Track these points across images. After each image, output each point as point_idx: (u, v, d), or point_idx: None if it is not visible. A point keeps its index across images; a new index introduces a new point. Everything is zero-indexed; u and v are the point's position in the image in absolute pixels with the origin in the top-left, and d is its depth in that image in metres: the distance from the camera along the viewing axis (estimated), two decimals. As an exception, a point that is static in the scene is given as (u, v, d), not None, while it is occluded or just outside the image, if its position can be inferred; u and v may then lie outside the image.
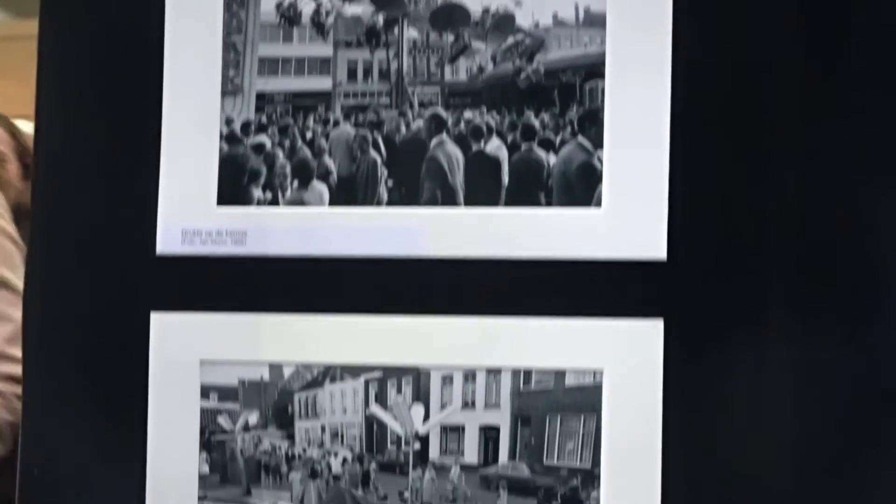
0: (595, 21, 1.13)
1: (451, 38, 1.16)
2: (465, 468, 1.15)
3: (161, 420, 1.21)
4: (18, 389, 1.29)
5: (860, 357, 1.08)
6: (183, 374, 1.20)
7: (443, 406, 1.15)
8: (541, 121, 1.14)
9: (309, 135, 1.18)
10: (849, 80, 1.09)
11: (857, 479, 1.08)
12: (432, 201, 1.15)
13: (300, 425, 1.19)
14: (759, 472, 1.09)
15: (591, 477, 1.12)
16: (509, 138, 1.14)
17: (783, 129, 1.10)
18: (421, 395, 1.16)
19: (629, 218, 1.12)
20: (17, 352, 1.26)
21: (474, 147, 1.15)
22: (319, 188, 1.18)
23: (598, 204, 1.12)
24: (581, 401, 1.13)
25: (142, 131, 1.22)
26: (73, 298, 1.24)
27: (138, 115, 1.22)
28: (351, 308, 1.17)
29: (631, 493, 1.11)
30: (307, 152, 1.18)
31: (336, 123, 1.18)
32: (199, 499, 1.20)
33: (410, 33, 1.17)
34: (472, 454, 1.15)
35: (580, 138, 1.13)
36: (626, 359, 1.12)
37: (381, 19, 1.17)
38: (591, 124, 1.13)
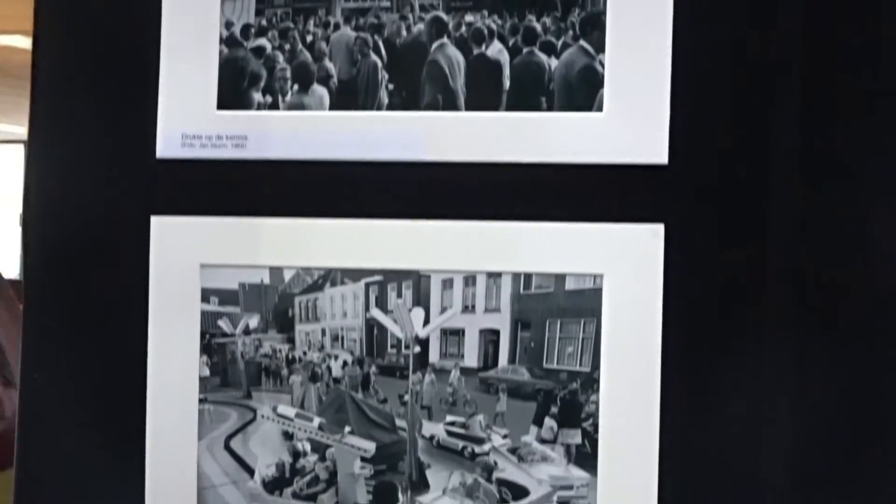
0: (598, -77, 1.12)
1: (452, -60, 1.15)
2: (465, 371, 1.16)
3: (161, 324, 1.21)
4: None
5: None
6: (183, 278, 1.20)
7: (443, 310, 1.16)
8: (542, 24, 1.13)
9: (309, 38, 1.18)
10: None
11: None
12: (433, 105, 1.15)
13: (300, 329, 1.19)
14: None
15: (590, 380, 1.13)
16: (510, 42, 1.14)
17: (788, 29, 1.09)
18: (421, 298, 1.16)
19: (630, 122, 1.11)
20: None
21: (475, 51, 1.15)
22: (320, 92, 1.18)
23: (600, 108, 1.12)
24: (581, 305, 1.13)
25: (141, 35, 1.21)
26: (73, 204, 1.24)
27: (137, 19, 1.22)
28: (351, 212, 1.17)
29: (630, 397, 1.12)
30: (307, 56, 1.18)
31: (336, 27, 1.17)
32: (200, 401, 1.21)
33: (411, -65, 1.16)
34: (471, 358, 1.16)
35: (582, 42, 1.13)
36: (626, 263, 1.12)
37: (381, -79, 1.16)
38: (593, 28, 1.12)
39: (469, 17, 1.15)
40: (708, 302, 1.11)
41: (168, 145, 1.20)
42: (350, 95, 1.17)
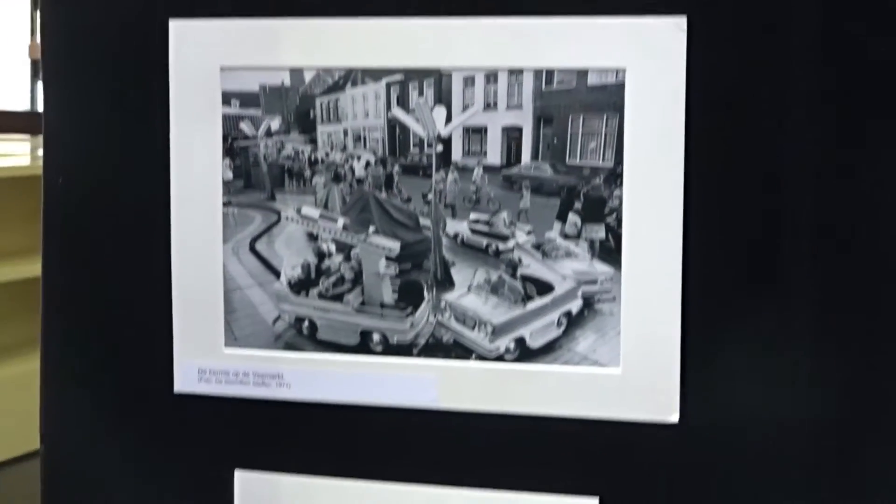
0: None
1: None
2: (488, 169, 1.16)
3: (183, 128, 1.21)
4: None
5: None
6: (203, 82, 1.20)
7: (465, 108, 1.15)
8: None
9: None
10: None
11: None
12: None
13: (322, 129, 1.19)
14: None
15: (613, 175, 1.13)
16: None
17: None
18: (443, 97, 1.16)
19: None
20: None
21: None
22: None
23: None
24: (603, 100, 1.12)
25: None
26: (91, 5, 1.23)
27: None
28: (371, 10, 1.16)
29: (653, 191, 1.12)
30: None
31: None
32: (224, 204, 1.21)
33: None
34: (494, 155, 1.16)
35: None
36: (649, 57, 1.11)
37: None
38: None
39: None
40: (732, 93, 1.11)
41: (183, -54, 1.18)
42: None
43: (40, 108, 1.51)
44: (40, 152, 1.60)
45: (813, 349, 1.11)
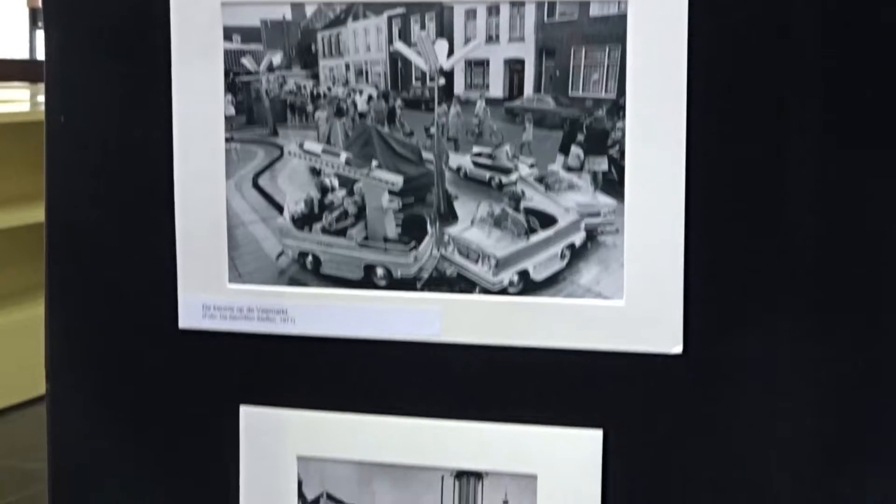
0: None
1: None
2: (491, 102, 1.15)
3: (185, 65, 1.21)
4: None
5: None
6: (204, 17, 1.20)
7: (467, 41, 1.15)
8: None
9: None
10: None
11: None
12: None
13: (324, 64, 1.19)
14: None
15: (616, 107, 1.13)
16: None
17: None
18: (444, 30, 1.15)
19: None
20: None
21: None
22: None
23: None
24: (605, 31, 1.12)
25: None
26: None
27: None
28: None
29: (656, 122, 1.11)
30: None
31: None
32: (227, 140, 1.21)
33: None
34: (497, 88, 1.15)
35: None
36: (651, -12, 1.11)
37: None
38: None
39: None
40: (734, 21, 1.10)
41: None
42: None
43: (40, 56, 1.50)
44: (40, 98, 1.60)
45: (815, 281, 1.11)
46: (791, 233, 1.11)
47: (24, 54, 9.24)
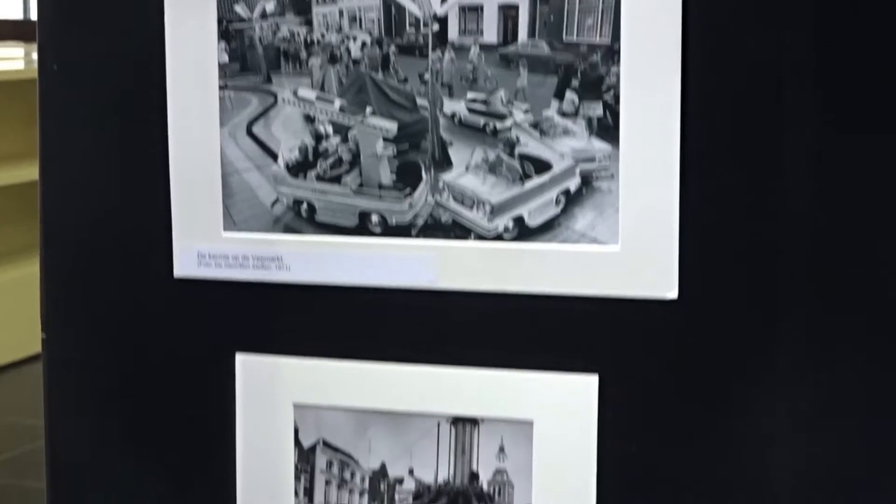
0: None
1: None
2: (485, 48, 1.15)
3: (178, 12, 1.21)
4: None
5: None
6: (196, -36, 1.19)
7: (461, -14, 1.15)
8: None
9: None
10: None
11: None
12: None
13: (317, 11, 1.18)
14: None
15: (610, 52, 1.12)
16: None
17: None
18: (438, -25, 1.15)
19: None
20: None
21: None
22: None
23: None
24: (600, -25, 1.11)
25: None
26: None
27: None
28: None
29: (651, 67, 1.11)
30: None
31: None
32: (220, 88, 1.21)
33: None
34: (490, 33, 1.15)
35: None
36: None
37: None
38: None
39: None
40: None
41: None
42: None
43: (33, 16, 1.50)
44: (35, 56, 1.59)
45: (810, 225, 1.11)
46: (788, 176, 1.10)
47: (18, 15, 9.23)
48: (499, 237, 1.16)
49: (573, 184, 1.14)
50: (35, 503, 2.67)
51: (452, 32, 1.15)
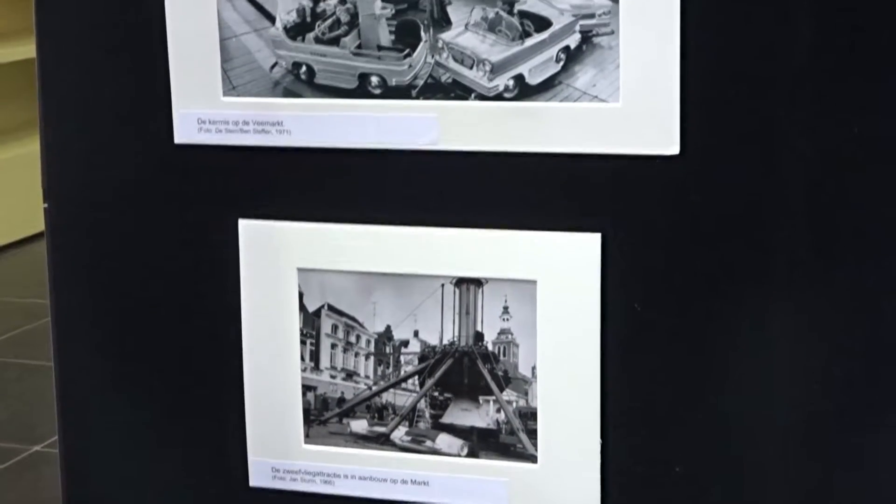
0: None
1: None
2: None
3: None
4: None
5: None
6: None
7: None
8: None
9: None
10: None
11: None
12: None
13: None
14: None
15: None
16: None
17: None
18: None
19: None
20: None
21: None
22: None
23: None
24: None
25: None
26: None
27: None
28: None
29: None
30: None
31: None
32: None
33: None
34: None
35: None
36: None
37: None
38: None
39: None
40: None
41: None
42: None
43: None
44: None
45: (814, 79, 1.10)
46: (792, 31, 1.09)
47: None
48: (499, 96, 1.16)
49: (573, 40, 1.13)
50: (38, 378, 2.69)
51: None
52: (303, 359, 1.25)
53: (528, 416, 1.19)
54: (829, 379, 1.13)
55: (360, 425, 1.24)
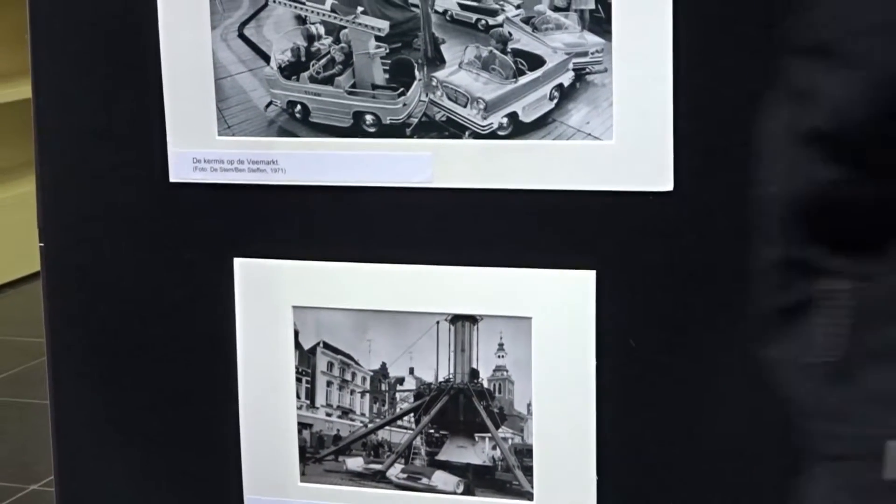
0: None
1: None
2: (475, -58, 1.14)
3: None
4: None
5: None
6: None
7: None
8: None
9: None
10: None
11: None
12: None
13: None
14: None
15: (602, -56, 1.11)
16: None
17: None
18: None
19: None
20: None
21: None
22: None
23: None
24: None
25: None
26: None
27: None
28: None
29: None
30: None
31: None
32: (211, -10, 1.20)
33: None
34: (481, -72, 1.14)
35: None
36: None
37: None
38: None
39: None
40: None
41: None
42: None
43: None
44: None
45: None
46: (783, 48, 1.09)
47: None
48: (493, 134, 1.16)
49: (566, 78, 1.14)
50: (36, 417, 2.69)
51: (442, -72, 1.15)
52: (298, 396, 1.25)
53: (524, 453, 1.19)
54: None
55: (355, 463, 1.24)
